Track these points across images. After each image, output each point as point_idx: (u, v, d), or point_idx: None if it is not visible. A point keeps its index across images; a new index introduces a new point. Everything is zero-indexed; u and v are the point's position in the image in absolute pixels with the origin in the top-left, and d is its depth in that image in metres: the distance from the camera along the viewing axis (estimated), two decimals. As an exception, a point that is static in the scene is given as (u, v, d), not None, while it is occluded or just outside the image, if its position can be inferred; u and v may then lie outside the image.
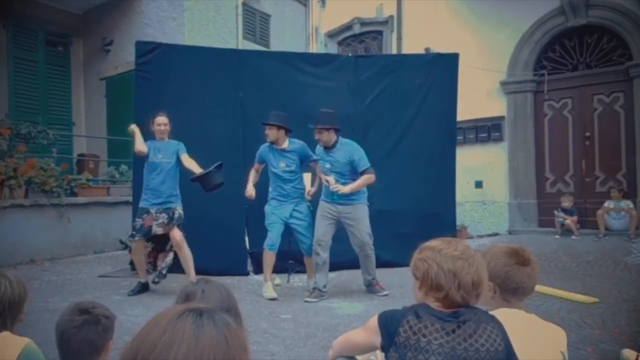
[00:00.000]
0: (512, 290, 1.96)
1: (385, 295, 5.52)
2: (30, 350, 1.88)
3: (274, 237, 5.53)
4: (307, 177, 5.94)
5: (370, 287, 5.70)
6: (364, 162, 5.47)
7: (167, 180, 5.51)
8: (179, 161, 5.55)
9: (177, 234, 5.44)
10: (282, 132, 5.56)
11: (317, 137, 5.51)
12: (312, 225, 5.64)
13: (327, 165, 5.51)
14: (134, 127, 5.58)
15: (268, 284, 5.56)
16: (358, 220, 5.52)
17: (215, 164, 5.37)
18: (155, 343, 0.80)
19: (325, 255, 5.49)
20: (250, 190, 5.56)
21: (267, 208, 5.65)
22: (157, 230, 5.45)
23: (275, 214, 5.56)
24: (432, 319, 1.68)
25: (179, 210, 5.53)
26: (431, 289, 1.72)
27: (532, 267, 1.96)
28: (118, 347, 0.76)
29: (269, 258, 5.57)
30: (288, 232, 5.95)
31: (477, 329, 1.67)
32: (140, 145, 5.48)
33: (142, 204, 5.53)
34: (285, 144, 5.59)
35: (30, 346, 1.90)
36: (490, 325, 1.69)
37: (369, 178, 5.46)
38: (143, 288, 5.64)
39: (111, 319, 1.89)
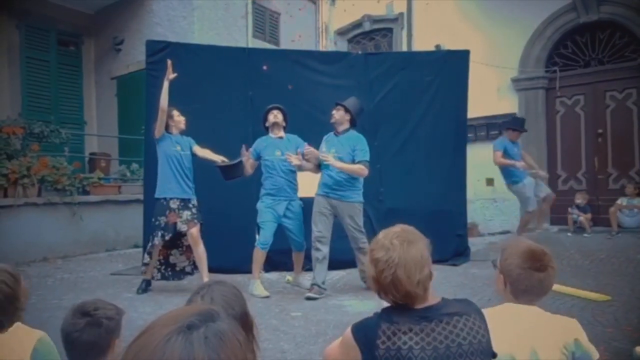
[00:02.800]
0: (520, 292, 1.95)
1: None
2: (43, 344, 1.90)
3: (267, 235, 5.54)
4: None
5: (366, 282, 5.67)
6: (362, 154, 5.44)
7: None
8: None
9: (194, 231, 5.49)
10: (284, 119, 5.77)
11: (332, 111, 5.58)
12: (303, 223, 5.70)
13: (332, 150, 5.51)
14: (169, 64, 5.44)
15: (257, 282, 5.54)
16: (348, 217, 5.51)
17: (239, 159, 5.49)
18: None
19: (325, 250, 5.48)
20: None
21: (260, 205, 5.65)
22: (182, 227, 5.47)
23: (270, 212, 5.56)
24: (407, 322, 1.63)
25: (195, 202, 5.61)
26: (373, 290, 1.74)
27: (547, 273, 1.92)
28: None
29: (260, 256, 5.57)
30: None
31: (457, 323, 1.63)
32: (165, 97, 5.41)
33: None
34: (282, 133, 5.75)
35: (44, 340, 1.91)
36: (472, 317, 1.66)
37: (360, 168, 5.40)
38: (148, 284, 5.63)
39: (115, 319, 1.85)
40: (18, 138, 7.68)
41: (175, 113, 5.63)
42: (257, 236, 5.65)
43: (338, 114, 5.55)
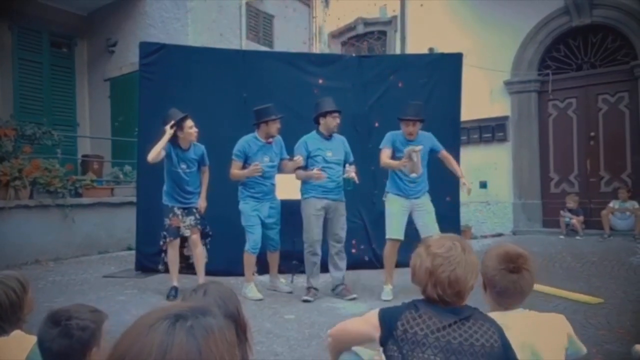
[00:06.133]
0: (496, 293, 1.99)
1: (353, 299, 5.39)
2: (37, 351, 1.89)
3: (257, 240, 5.51)
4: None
5: (338, 288, 5.57)
6: (351, 155, 5.71)
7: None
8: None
9: (195, 237, 5.54)
10: None
11: (337, 121, 5.57)
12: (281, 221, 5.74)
13: (329, 153, 5.51)
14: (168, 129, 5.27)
15: (251, 285, 5.54)
16: (343, 217, 5.57)
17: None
18: (124, 354, 0.78)
19: (320, 254, 5.52)
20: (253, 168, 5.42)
21: (244, 207, 5.54)
22: (185, 232, 5.48)
23: (256, 216, 5.52)
24: (430, 313, 1.74)
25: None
26: (416, 282, 1.83)
27: (522, 276, 1.95)
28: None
29: (252, 260, 5.56)
30: (293, 231, 5.95)
31: (473, 325, 1.71)
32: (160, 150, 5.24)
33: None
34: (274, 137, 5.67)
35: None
36: (487, 324, 1.73)
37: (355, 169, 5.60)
38: (177, 291, 5.45)
39: (90, 328, 1.74)
40: (10, 140, 7.62)
41: (188, 124, 5.33)
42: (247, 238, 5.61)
43: (338, 121, 5.60)
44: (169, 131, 5.23)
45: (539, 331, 1.91)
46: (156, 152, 5.19)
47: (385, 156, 5.43)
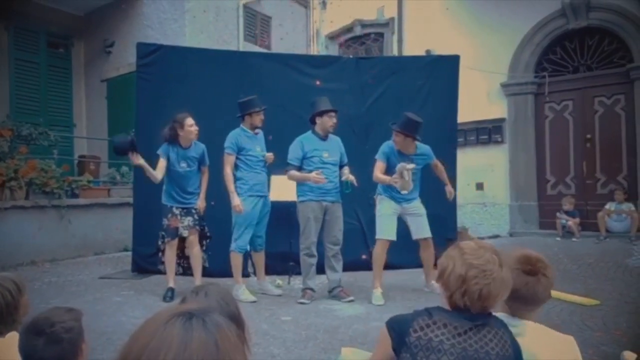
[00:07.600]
0: (508, 296, 1.92)
1: (351, 301, 5.35)
2: None
3: (247, 240, 5.50)
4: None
5: (335, 291, 5.51)
6: (345, 156, 5.67)
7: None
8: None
9: (193, 238, 5.55)
10: None
11: (334, 121, 5.53)
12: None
13: (325, 154, 5.48)
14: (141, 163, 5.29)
15: (243, 287, 5.49)
16: (339, 218, 5.54)
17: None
18: (142, 350, 0.78)
19: (316, 255, 5.49)
20: (239, 202, 5.40)
21: (244, 205, 5.41)
22: (184, 232, 5.48)
23: (253, 215, 5.47)
24: (444, 319, 1.70)
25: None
26: (443, 285, 1.77)
27: (537, 279, 1.92)
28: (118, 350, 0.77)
29: (240, 260, 5.53)
30: (289, 232, 5.94)
31: (488, 332, 1.68)
32: (156, 173, 5.31)
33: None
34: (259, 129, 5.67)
35: None
36: (502, 331, 1.71)
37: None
38: (174, 293, 5.44)
39: (75, 328, 1.76)
40: (6, 140, 7.61)
41: (188, 122, 5.36)
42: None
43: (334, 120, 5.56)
44: (137, 161, 5.27)
45: (547, 347, 1.85)
46: (152, 177, 5.31)
47: (378, 170, 5.46)
